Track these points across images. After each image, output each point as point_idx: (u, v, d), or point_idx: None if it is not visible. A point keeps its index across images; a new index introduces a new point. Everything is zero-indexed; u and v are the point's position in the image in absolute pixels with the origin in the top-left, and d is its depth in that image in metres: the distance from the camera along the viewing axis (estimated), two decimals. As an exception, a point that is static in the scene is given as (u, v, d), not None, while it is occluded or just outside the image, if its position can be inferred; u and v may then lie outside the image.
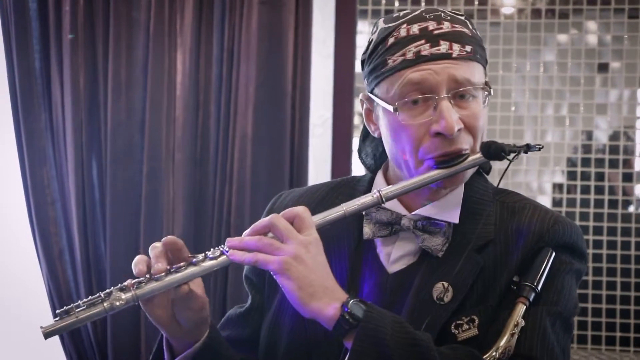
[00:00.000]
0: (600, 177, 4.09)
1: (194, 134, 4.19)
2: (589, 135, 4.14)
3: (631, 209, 4.09)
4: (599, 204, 4.08)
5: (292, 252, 1.67)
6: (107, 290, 1.71)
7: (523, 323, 1.73)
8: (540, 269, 1.78)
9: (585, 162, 4.11)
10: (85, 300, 1.70)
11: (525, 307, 1.74)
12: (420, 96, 1.80)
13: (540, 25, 4.18)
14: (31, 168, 4.21)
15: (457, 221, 1.86)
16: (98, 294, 1.70)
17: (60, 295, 4.20)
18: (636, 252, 4.04)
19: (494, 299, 1.79)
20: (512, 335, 1.71)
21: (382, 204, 1.83)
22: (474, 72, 1.83)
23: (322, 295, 1.66)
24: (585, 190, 4.09)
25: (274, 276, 1.69)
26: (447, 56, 1.80)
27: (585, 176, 4.10)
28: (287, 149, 4.13)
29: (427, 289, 1.81)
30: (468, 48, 1.83)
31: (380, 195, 1.81)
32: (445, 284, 1.79)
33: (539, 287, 1.76)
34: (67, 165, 4.20)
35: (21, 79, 4.20)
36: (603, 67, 4.15)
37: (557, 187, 4.14)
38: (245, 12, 4.12)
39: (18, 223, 4.37)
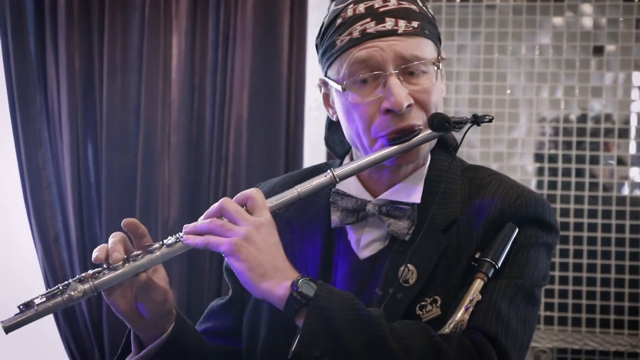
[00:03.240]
0: (594, 160, 4.10)
1: (189, 117, 4.19)
2: (584, 118, 4.14)
3: (625, 191, 4.10)
4: (593, 187, 4.09)
5: (243, 234, 1.67)
6: (66, 282, 1.72)
7: (480, 298, 1.73)
8: (501, 244, 1.77)
9: (580, 145, 4.11)
10: (44, 292, 1.72)
11: (483, 282, 1.74)
12: (368, 74, 1.79)
13: (536, 8, 4.17)
14: (26, 151, 4.22)
15: (418, 201, 1.86)
16: (57, 286, 1.72)
17: (55, 278, 4.21)
18: (630, 235, 4.04)
19: (457, 277, 1.79)
20: (467, 309, 1.71)
21: (337, 183, 1.82)
22: (422, 48, 1.82)
23: (273, 276, 1.67)
24: (580, 173, 4.10)
25: (226, 258, 1.69)
26: (392, 32, 1.79)
27: (579, 159, 4.10)
28: (283, 132, 4.13)
29: (394, 272, 1.81)
30: (415, 24, 1.81)
31: (333, 174, 1.81)
32: (410, 266, 1.79)
33: (499, 263, 1.76)
34: (63, 148, 4.20)
35: (16, 62, 4.20)
36: (598, 50, 4.15)
37: (552, 170, 4.14)
38: (241, -5, 4.12)
39: (14, 206, 4.37)
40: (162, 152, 4.17)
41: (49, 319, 4.22)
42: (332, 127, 2.05)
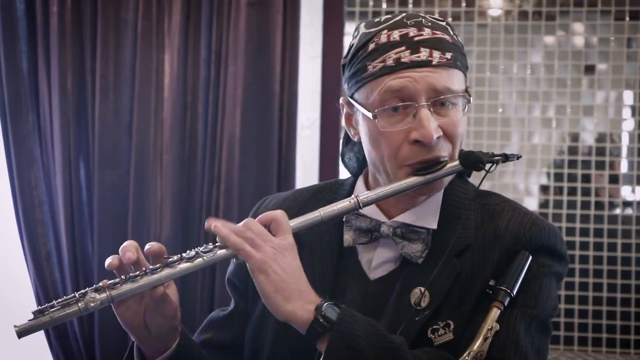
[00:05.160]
0: (586, 178, 4.10)
1: (181, 135, 4.19)
2: (576, 137, 4.15)
3: (617, 210, 4.10)
4: (585, 205, 4.09)
5: (271, 254, 1.68)
6: (82, 291, 1.70)
7: (497, 327, 1.73)
8: (515, 273, 1.78)
9: (572, 163, 4.12)
10: (59, 300, 1.70)
11: (499, 311, 1.75)
12: (400, 104, 1.79)
13: (527, 27, 4.19)
14: (19, 169, 4.21)
15: (435, 227, 1.86)
16: (73, 294, 1.70)
17: (47, 297, 4.19)
18: (622, 254, 4.05)
19: (471, 303, 1.80)
20: (485, 339, 1.72)
21: (360, 210, 1.82)
22: (454, 80, 1.82)
23: (297, 299, 1.67)
24: (572, 191, 4.10)
25: (252, 273, 1.69)
26: (427, 63, 1.79)
27: (571, 178, 4.11)
28: (275, 151, 4.13)
29: (406, 294, 1.81)
30: (448, 55, 1.81)
31: (357, 200, 1.81)
32: (422, 289, 1.80)
33: (514, 291, 1.76)
34: (55, 167, 4.19)
35: (8, 80, 4.19)
36: (590, 69, 4.16)
37: (544, 188, 4.15)
38: (233, 13, 4.13)
39: (5, 225, 4.36)
40: (154, 170, 4.17)
41: (41, 336, 4.21)
42: (349, 144, 2.05)
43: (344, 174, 2.12)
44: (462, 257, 1.83)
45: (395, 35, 1.82)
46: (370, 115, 1.82)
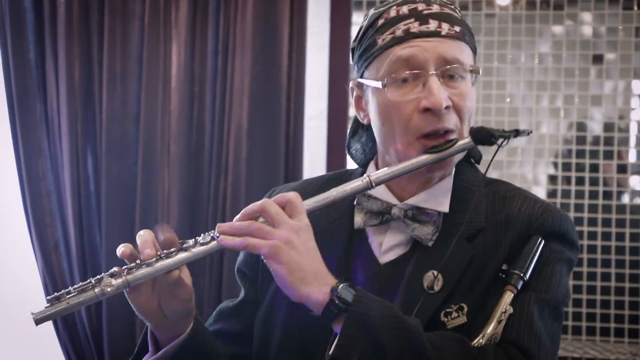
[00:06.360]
0: (594, 168, 4.10)
1: (189, 126, 4.19)
2: (584, 126, 4.14)
3: (625, 200, 4.10)
4: (593, 195, 4.09)
5: (283, 237, 1.68)
6: (98, 277, 1.70)
7: (511, 310, 1.74)
8: (528, 257, 1.79)
9: (580, 153, 4.11)
10: (76, 286, 1.70)
11: (513, 294, 1.76)
12: (408, 72, 1.81)
13: (535, 16, 4.18)
14: (26, 160, 4.21)
15: (447, 210, 1.87)
16: (89, 280, 1.70)
17: (55, 287, 4.20)
18: (630, 244, 4.04)
19: (483, 287, 1.80)
20: (499, 322, 1.73)
21: (372, 189, 1.83)
22: (463, 53, 1.84)
23: (312, 280, 1.67)
24: (580, 181, 4.10)
25: (265, 260, 1.70)
26: (436, 34, 1.82)
27: (579, 167, 4.10)
28: (283, 141, 4.13)
29: (418, 278, 1.82)
30: (457, 28, 1.84)
31: (369, 179, 1.81)
32: (435, 273, 1.80)
33: (527, 275, 1.78)
34: (62, 157, 4.20)
35: (16, 70, 4.20)
36: (598, 59, 4.15)
37: (552, 178, 4.14)
38: (240, 4, 4.12)
39: (13, 215, 4.37)
40: (161, 161, 4.18)
41: (49, 326, 4.22)
42: (356, 135, 2.06)
43: (351, 164, 2.12)
44: (475, 241, 1.84)
45: (404, 9, 1.85)
46: (380, 85, 1.83)
